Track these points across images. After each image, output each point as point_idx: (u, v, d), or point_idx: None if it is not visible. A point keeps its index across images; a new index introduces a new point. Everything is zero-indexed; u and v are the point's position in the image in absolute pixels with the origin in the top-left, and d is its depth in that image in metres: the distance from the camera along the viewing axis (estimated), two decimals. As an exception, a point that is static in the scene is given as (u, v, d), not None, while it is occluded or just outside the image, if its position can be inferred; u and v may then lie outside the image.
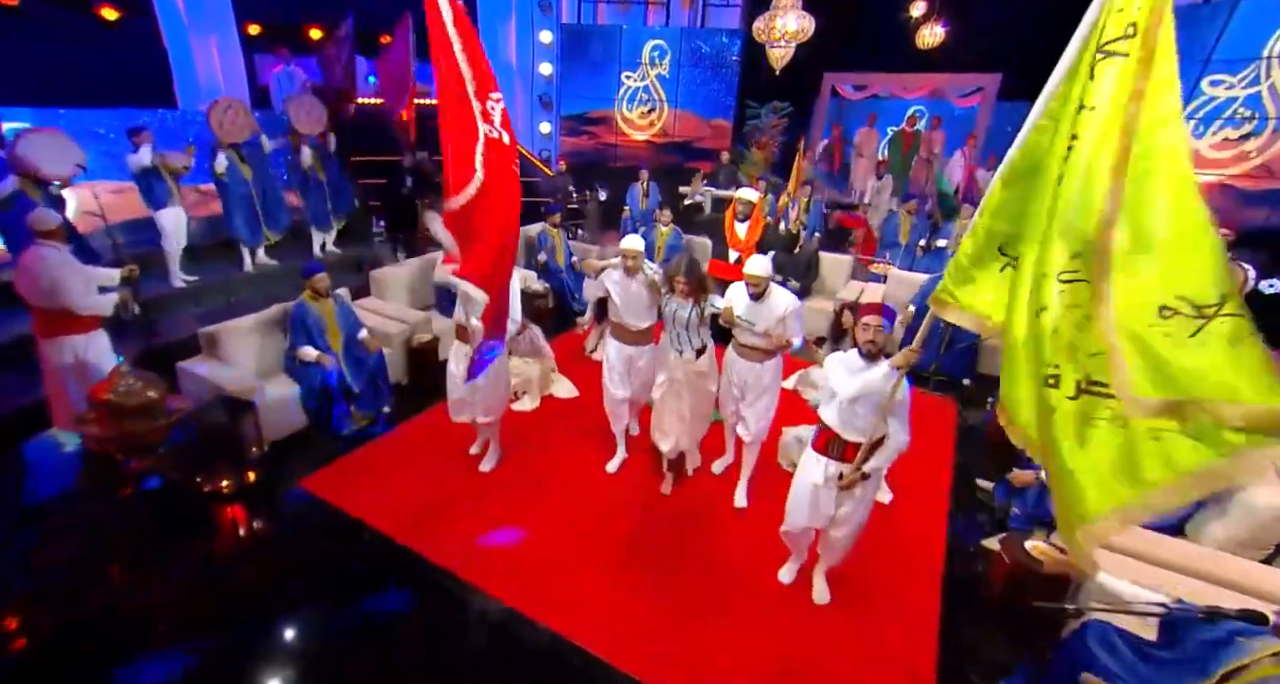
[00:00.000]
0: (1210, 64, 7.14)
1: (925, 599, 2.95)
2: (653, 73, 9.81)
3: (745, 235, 4.16)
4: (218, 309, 5.37)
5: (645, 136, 10.25)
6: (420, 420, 4.34)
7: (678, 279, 3.17)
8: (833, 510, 2.70)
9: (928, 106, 11.31)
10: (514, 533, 3.33)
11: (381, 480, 3.66)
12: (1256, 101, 6.86)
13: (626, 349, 3.61)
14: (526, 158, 9.85)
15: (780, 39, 3.94)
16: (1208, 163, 7.23)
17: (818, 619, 2.87)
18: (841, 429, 2.60)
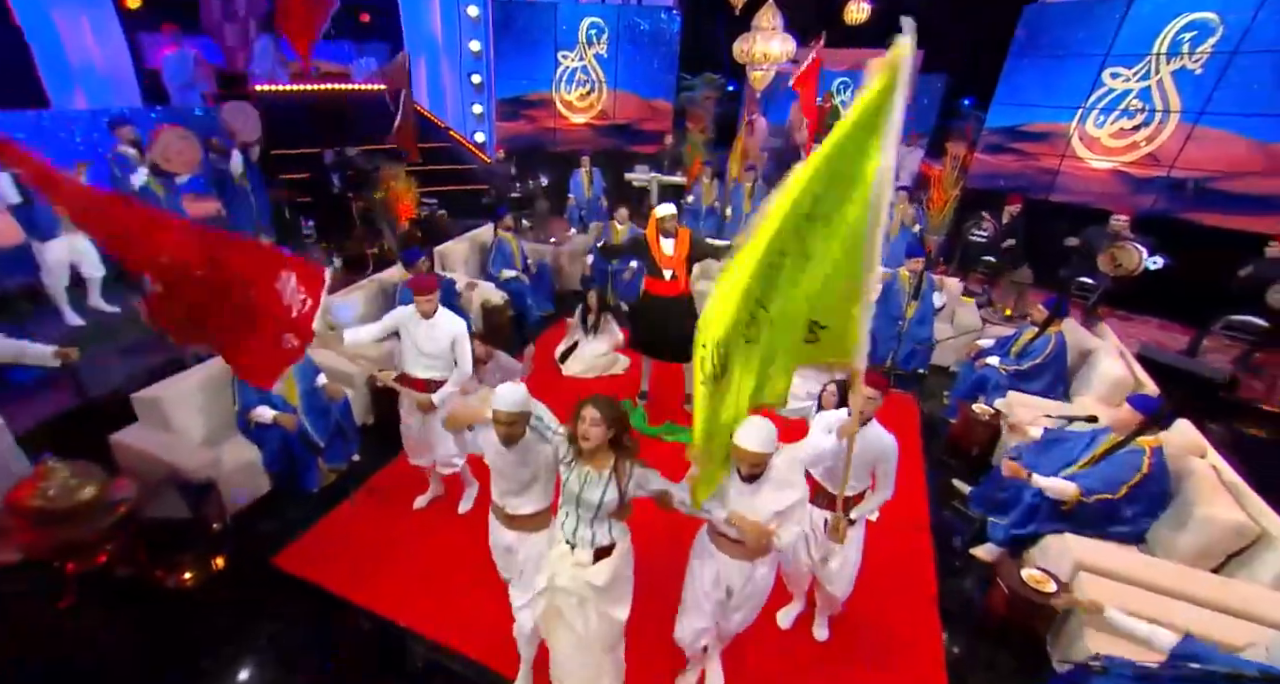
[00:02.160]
0: (1110, 57, 7.42)
1: (926, 626, 3.00)
2: (590, 52, 9.11)
3: (674, 250, 3.97)
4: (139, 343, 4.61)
5: (585, 119, 9.61)
6: (392, 469, 3.93)
7: (584, 428, 2.00)
8: (820, 554, 2.67)
9: (853, 79, 11.25)
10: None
11: (360, 545, 3.28)
12: (1148, 95, 7.23)
13: (506, 534, 2.43)
14: (461, 144, 9.03)
15: (762, 62, 3.64)
16: (1106, 151, 7.62)
17: (824, 660, 2.84)
18: (825, 482, 2.59)
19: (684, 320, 4.23)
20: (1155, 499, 3.04)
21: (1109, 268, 6.27)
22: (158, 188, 4.66)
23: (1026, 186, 8.01)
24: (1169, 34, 6.96)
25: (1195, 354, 6.22)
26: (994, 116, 8.44)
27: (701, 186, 8.60)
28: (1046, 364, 4.39)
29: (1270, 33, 6.30)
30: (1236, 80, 6.57)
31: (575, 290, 6.80)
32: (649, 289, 4.30)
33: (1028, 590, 2.73)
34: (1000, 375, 4.49)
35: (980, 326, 5.51)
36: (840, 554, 2.63)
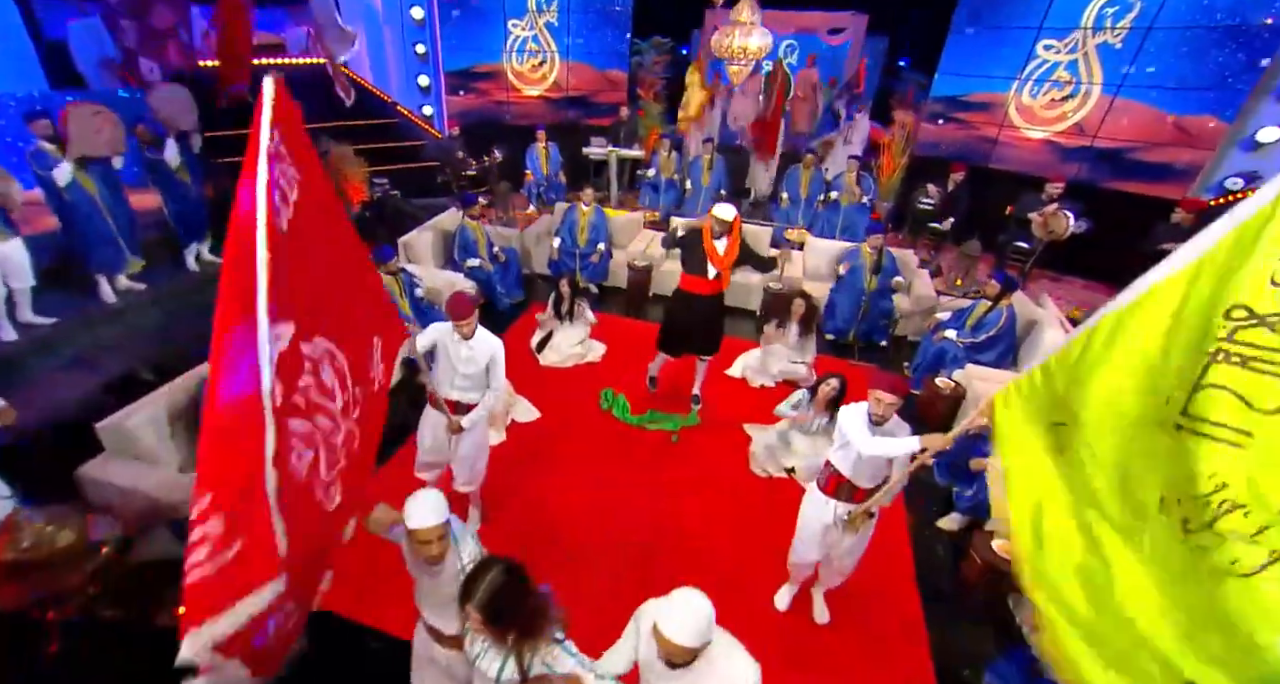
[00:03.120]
0: (1043, 30, 7.55)
1: (906, 598, 3.18)
2: (540, 20, 8.53)
3: (725, 252, 3.90)
4: (83, 357, 4.20)
5: (539, 92, 9.09)
6: (383, 478, 3.78)
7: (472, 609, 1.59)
8: (839, 544, 2.77)
9: (800, 42, 11.07)
10: None
11: (361, 562, 3.17)
12: (1075, 67, 7.43)
13: (433, 647, 2.20)
14: (409, 119, 8.43)
15: (740, 57, 3.48)
16: (1039, 120, 7.85)
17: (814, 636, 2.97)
18: (854, 477, 2.65)
19: (713, 314, 4.26)
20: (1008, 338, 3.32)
21: (1042, 233, 6.54)
22: (88, 183, 4.12)
23: (969, 155, 8.18)
24: (1095, 8, 7.12)
25: (1115, 311, 6.65)
26: (938, 86, 8.51)
27: (660, 159, 8.40)
28: (999, 336, 4.60)
29: (1181, 11, 6.53)
30: (1151, 55, 6.83)
31: (543, 275, 6.60)
32: (686, 287, 4.14)
33: (993, 559, 2.93)
34: (958, 348, 4.69)
35: (935, 299, 5.69)
36: (852, 543, 2.73)
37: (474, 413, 3.00)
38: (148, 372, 4.27)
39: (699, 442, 4.28)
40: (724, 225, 3.81)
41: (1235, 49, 6.33)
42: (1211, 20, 6.40)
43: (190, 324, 4.73)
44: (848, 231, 7.64)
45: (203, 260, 5.17)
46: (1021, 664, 2.63)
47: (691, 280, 4.04)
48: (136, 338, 4.47)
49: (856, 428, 2.51)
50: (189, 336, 4.65)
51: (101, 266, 4.33)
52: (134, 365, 4.25)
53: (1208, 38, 6.45)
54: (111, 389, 3.98)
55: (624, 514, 3.60)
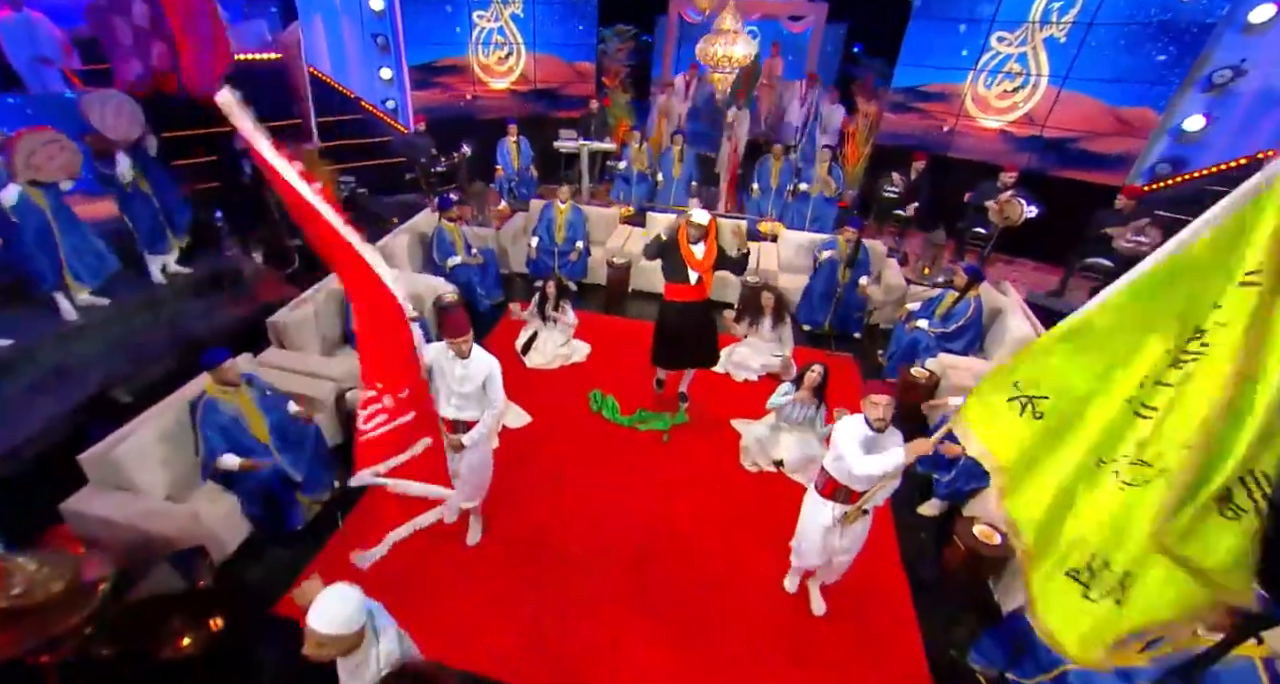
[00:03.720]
0: (995, 22, 7.71)
1: (894, 584, 3.30)
2: (506, 12, 8.22)
3: (703, 256, 3.87)
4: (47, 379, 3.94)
5: (506, 85, 8.81)
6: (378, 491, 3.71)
7: None
8: (839, 544, 2.86)
9: (761, 29, 11.00)
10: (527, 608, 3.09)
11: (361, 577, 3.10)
12: (1025, 60, 7.63)
13: None
14: (373, 114, 8.08)
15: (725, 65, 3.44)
16: (993, 110, 8.05)
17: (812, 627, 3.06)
18: (849, 483, 2.72)
19: (708, 323, 4.21)
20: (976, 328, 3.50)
21: (998, 219, 6.76)
22: (40, 199, 3.81)
23: (929, 144, 8.35)
24: (1042, 3, 7.30)
25: (1064, 292, 6.96)
26: (899, 77, 8.61)
27: (631, 151, 8.31)
28: (968, 325, 4.77)
29: (1119, 7, 6.77)
30: (1092, 49, 7.07)
31: (521, 274, 6.49)
32: (672, 297, 4.08)
33: (976, 543, 3.08)
34: (929, 337, 4.84)
35: (905, 288, 5.83)
36: (852, 537, 2.82)
37: (474, 431, 2.95)
38: (120, 392, 4.05)
39: (689, 440, 4.33)
40: (700, 230, 3.79)
41: (1167, 44, 6.62)
42: (1146, 17, 6.66)
43: (160, 339, 4.50)
44: (818, 222, 7.74)
45: (169, 272, 4.87)
46: (1003, 642, 2.78)
47: (676, 289, 4.00)
48: (103, 356, 4.22)
49: (850, 445, 2.57)
50: (159, 352, 4.42)
51: (52, 286, 4.03)
52: (103, 386, 4.01)
53: (1143, 33, 6.71)
54: (82, 412, 3.76)
55: (619, 517, 3.63)
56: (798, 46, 10.98)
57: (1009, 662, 2.65)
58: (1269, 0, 5.97)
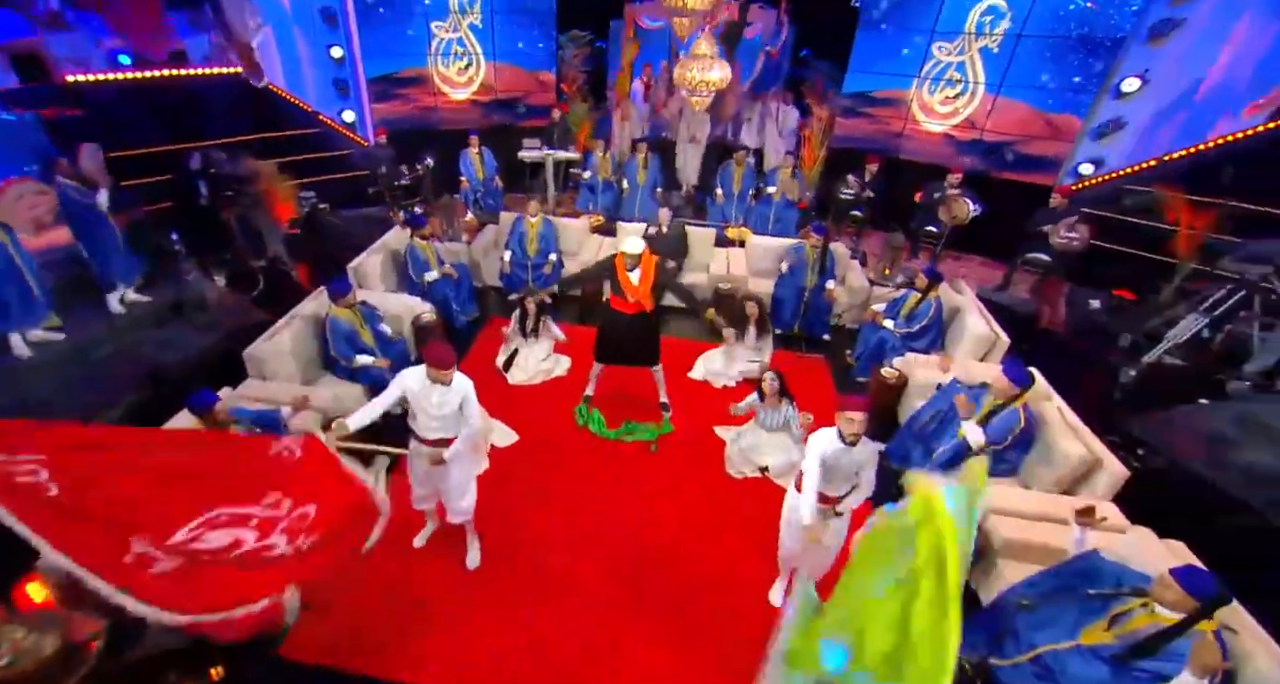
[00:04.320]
0: (936, 33, 8.04)
1: None
2: (464, 22, 8.04)
3: (639, 282, 3.97)
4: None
5: (467, 96, 8.63)
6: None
7: None
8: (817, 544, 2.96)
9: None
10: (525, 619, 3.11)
11: (365, 611, 3.08)
12: (963, 68, 8.00)
13: None
14: (331, 127, 7.79)
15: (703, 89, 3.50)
16: (937, 115, 8.40)
17: None
18: (823, 487, 2.84)
19: (646, 328, 4.32)
20: (1027, 442, 3.70)
21: (947, 218, 7.10)
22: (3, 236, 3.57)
23: (880, 147, 8.65)
24: (976, 15, 7.68)
25: (1009, 285, 7.35)
26: (849, 83, 8.87)
27: (596, 159, 8.30)
28: (930, 325, 5.00)
29: (1044, 21, 7.20)
30: (1023, 59, 7.49)
31: (495, 287, 6.41)
32: (615, 306, 4.21)
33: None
34: (895, 337, 5.05)
35: (869, 289, 6.05)
36: (830, 537, 2.94)
37: (453, 447, 2.97)
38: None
39: (675, 449, 4.39)
40: (634, 259, 3.89)
41: (1085, 55, 7.08)
42: (1067, 30, 7.10)
43: (124, 375, 4.25)
44: (779, 224, 7.92)
45: (128, 302, 4.60)
46: (983, 629, 2.95)
47: (617, 300, 4.14)
48: (60, 395, 3.97)
49: (813, 461, 2.71)
50: (123, 390, 4.18)
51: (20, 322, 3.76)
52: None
53: (1065, 45, 7.17)
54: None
55: (611, 528, 3.66)
56: (750, 50, 11.16)
57: (990, 647, 2.82)
58: (1167, 16, 6.47)
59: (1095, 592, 2.62)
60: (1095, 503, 3.02)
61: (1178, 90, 6.83)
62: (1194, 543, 3.04)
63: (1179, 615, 2.42)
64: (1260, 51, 6.57)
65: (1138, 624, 2.53)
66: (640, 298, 4.00)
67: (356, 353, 4.15)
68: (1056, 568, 2.81)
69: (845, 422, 2.67)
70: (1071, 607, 2.68)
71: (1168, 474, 4.27)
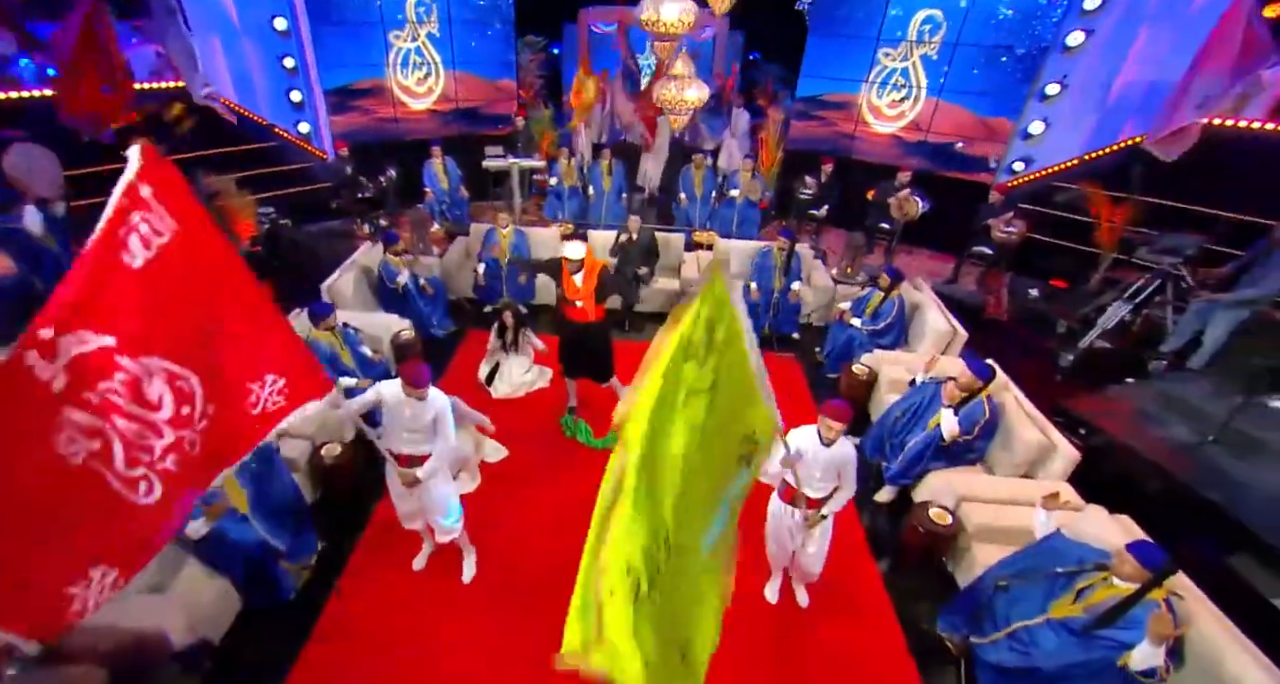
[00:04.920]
0: (881, 40, 8.34)
1: (864, 568, 3.61)
2: (422, 32, 7.81)
3: (582, 284, 4.01)
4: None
5: (427, 106, 8.39)
6: (366, 543, 3.56)
7: None
8: (800, 542, 3.09)
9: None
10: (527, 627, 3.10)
11: (367, 640, 3.02)
12: (907, 73, 8.34)
13: None
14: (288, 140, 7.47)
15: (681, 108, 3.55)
16: (885, 118, 8.72)
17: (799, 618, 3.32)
18: (804, 488, 2.93)
19: (599, 344, 4.34)
20: (992, 431, 3.95)
21: (899, 215, 7.40)
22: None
23: (834, 148, 8.92)
24: (916, 24, 8.01)
25: (957, 278, 7.73)
26: (802, 87, 9.10)
27: (560, 167, 8.24)
28: (894, 322, 5.24)
29: (978, 30, 7.59)
30: (960, 65, 7.87)
31: (469, 298, 6.31)
32: (566, 314, 4.24)
33: (932, 526, 3.45)
34: (862, 334, 5.27)
35: (834, 288, 6.26)
36: (816, 541, 3.06)
37: (427, 465, 2.96)
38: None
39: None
40: (575, 263, 3.94)
41: (1014, 62, 7.51)
42: (998, 40, 7.51)
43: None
44: (743, 226, 8.08)
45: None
46: (963, 609, 3.14)
47: (569, 309, 4.17)
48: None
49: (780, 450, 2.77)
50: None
51: None
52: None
53: (996, 53, 7.57)
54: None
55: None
56: (703, 55, 11.27)
57: (970, 627, 3.02)
58: (1079, 28, 6.94)
59: (1062, 569, 2.84)
60: (1059, 489, 3.25)
61: (1092, 95, 7.34)
62: (1135, 515, 3.32)
63: (1134, 586, 2.65)
64: (1158, 60, 7.14)
65: (1100, 596, 2.76)
66: (583, 299, 4.03)
67: (339, 376, 4.04)
68: (1027, 549, 3.03)
69: (825, 427, 2.79)
70: (1041, 584, 2.90)
71: (1106, 451, 4.62)
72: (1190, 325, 5.62)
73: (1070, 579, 2.87)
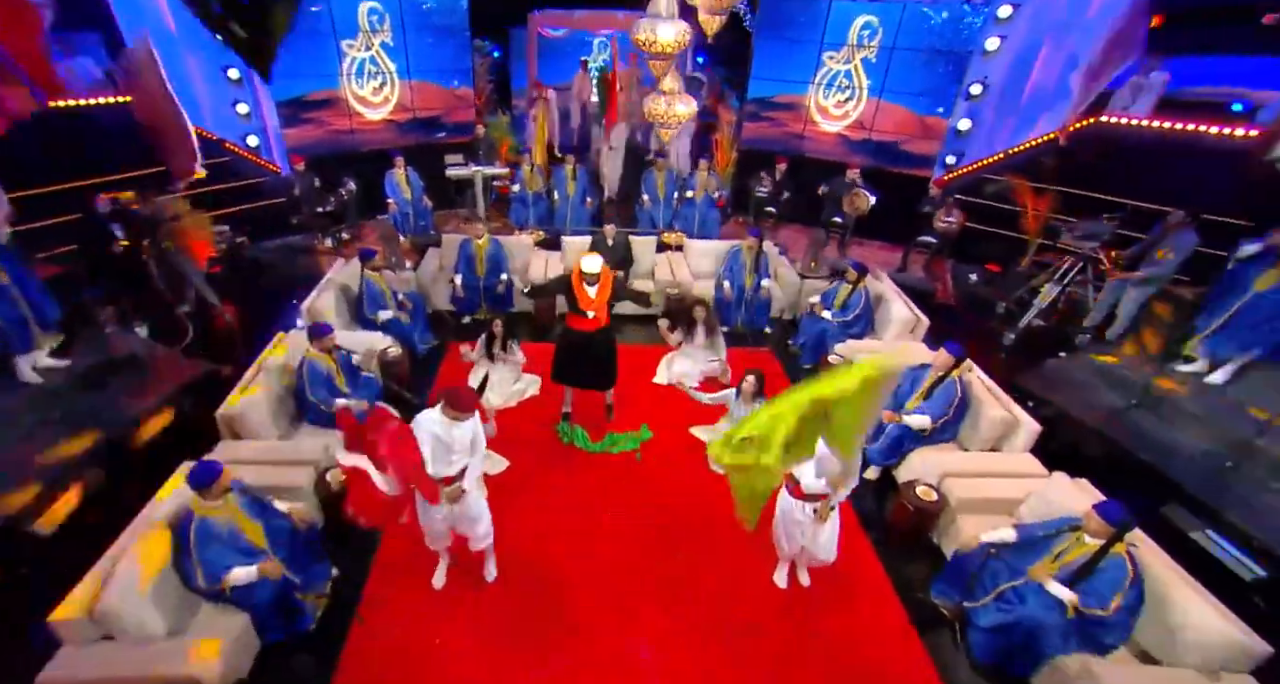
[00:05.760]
0: (825, 44, 8.65)
1: (859, 545, 3.80)
2: (375, 40, 7.48)
3: (596, 295, 4.06)
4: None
5: (383, 116, 8.06)
6: (381, 565, 3.48)
7: None
8: (811, 534, 3.23)
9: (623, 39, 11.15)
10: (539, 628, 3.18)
11: (398, 665, 2.97)
12: (850, 75, 8.68)
13: None
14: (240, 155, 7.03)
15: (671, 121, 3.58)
16: (833, 117, 9.05)
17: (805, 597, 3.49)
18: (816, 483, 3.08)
19: (603, 351, 4.37)
20: (965, 410, 4.24)
21: (850, 209, 7.74)
22: None
23: (786, 147, 9.19)
24: (856, 28, 8.36)
25: (906, 266, 8.15)
26: (753, 89, 9.31)
27: (524, 174, 8.14)
28: (862, 313, 5.50)
29: (912, 35, 8.02)
30: (897, 68, 8.28)
31: (448, 310, 6.18)
32: (571, 324, 4.26)
33: (921, 502, 3.68)
34: (833, 325, 5.51)
35: (800, 282, 6.50)
36: (826, 531, 3.22)
37: (469, 476, 3.01)
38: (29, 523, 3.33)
39: (659, 453, 4.52)
40: (593, 276, 4.01)
41: (945, 65, 7.98)
42: (930, 44, 7.95)
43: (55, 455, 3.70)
44: (705, 226, 8.23)
45: (42, 368, 3.96)
46: (954, 577, 3.38)
47: (575, 319, 4.21)
48: None
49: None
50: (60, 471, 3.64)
51: None
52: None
53: (929, 56, 8.01)
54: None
55: (613, 536, 3.74)
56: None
57: (963, 593, 3.26)
58: (995, 34, 7.47)
59: (1044, 533, 3.12)
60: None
61: (1009, 96, 7.91)
62: (1091, 478, 3.65)
63: (1100, 541, 2.95)
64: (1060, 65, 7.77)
65: (1074, 555, 3.05)
66: (597, 309, 4.08)
67: (334, 397, 3.91)
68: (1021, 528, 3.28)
69: None
70: (1028, 551, 3.17)
71: (1055, 422, 5.03)
72: (1107, 302, 6.18)
73: (1049, 542, 3.16)
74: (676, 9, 3.21)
